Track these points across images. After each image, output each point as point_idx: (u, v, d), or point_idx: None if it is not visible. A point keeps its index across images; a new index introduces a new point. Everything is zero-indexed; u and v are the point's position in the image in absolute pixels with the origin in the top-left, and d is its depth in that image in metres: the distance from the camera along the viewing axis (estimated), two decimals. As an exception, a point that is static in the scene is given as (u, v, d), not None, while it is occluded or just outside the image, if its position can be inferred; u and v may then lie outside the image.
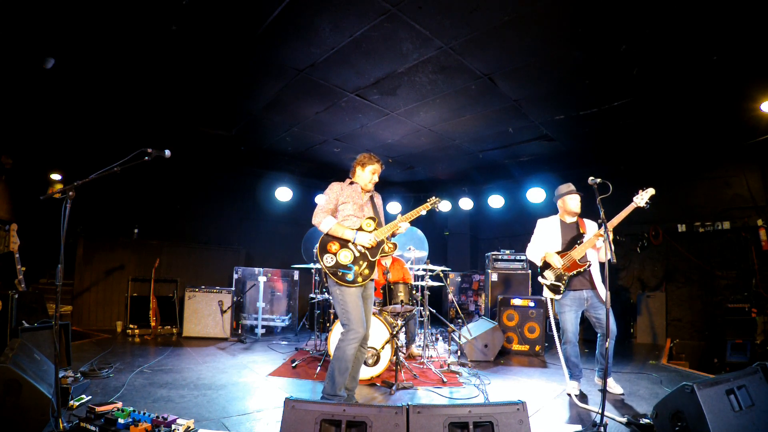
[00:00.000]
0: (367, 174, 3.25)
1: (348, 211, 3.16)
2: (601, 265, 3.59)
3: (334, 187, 3.23)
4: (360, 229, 3.12)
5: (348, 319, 2.95)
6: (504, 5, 3.11)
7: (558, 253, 3.67)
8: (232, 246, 7.84)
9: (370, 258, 3.06)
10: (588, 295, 3.62)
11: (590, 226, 3.76)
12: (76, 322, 6.25)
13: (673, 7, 3.06)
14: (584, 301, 3.63)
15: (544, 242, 3.80)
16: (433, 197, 3.37)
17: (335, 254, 3.03)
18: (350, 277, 2.99)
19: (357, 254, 3.04)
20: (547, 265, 3.72)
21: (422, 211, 3.26)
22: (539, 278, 3.77)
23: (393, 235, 3.19)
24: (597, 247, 3.60)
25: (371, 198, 3.33)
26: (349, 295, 2.98)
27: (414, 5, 3.14)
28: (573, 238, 3.68)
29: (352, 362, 2.94)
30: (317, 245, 3.12)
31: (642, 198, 3.33)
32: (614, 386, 3.60)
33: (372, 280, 3.13)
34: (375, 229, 3.13)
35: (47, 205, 3.08)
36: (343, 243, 3.06)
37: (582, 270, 3.58)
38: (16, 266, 4.09)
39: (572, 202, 3.76)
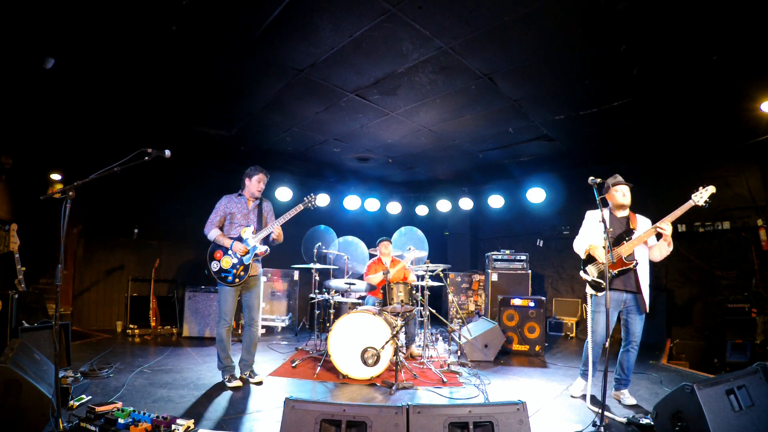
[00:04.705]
0: (254, 183, 3.79)
1: (235, 221, 3.77)
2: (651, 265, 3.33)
3: (222, 202, 3.82)
4: (238, 237, 3.70)
5: (221, 310, 3.69)
6: (504, 5, 3.10)
7: (604, 247, 3.36)
8: (232, 246, 7.83)
9: (245, 262, 3.65)
10: (627, 297, 3.37)
11: (642, 222, 3.46)
12: (76, 322, 6.25)
13: (673, 7, 3.06)
14: (622, 303, 3.38)
15: (591, 235, 3.50)
16: (309, 196, 3.85)
17: (219, 260, 3.67)
18: (230, 278, 3.64)
19: (235, 260, 3.65)
20: (590, 259, 3.44)
21: (294, 213, 3.71)
22: (581, 273, 3.49)
23: (269, 238, 3.72)
24: (649, 246, 3.37)
25: (259, 205, 3.86)
26: (226, 293, 3.67)
27: (414, 5, 3.14)
28: (621, 234, 3.38)
29: (228, 342, 3.67)
30: (207, 253, 3.72)
31: (701, 196, 3.11)
32: (629, 397, 3.45)
33: (251, 277, 3.75)
34: (251, 236, 3.70)
35: (47, 205, 3.08)
36: (225, 250, 3.67)
37: (627, 269, 3.30)
38: (16, 266, 4.09)
39: (617, 194, 3.47)
